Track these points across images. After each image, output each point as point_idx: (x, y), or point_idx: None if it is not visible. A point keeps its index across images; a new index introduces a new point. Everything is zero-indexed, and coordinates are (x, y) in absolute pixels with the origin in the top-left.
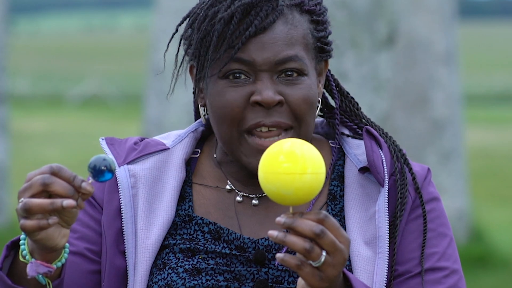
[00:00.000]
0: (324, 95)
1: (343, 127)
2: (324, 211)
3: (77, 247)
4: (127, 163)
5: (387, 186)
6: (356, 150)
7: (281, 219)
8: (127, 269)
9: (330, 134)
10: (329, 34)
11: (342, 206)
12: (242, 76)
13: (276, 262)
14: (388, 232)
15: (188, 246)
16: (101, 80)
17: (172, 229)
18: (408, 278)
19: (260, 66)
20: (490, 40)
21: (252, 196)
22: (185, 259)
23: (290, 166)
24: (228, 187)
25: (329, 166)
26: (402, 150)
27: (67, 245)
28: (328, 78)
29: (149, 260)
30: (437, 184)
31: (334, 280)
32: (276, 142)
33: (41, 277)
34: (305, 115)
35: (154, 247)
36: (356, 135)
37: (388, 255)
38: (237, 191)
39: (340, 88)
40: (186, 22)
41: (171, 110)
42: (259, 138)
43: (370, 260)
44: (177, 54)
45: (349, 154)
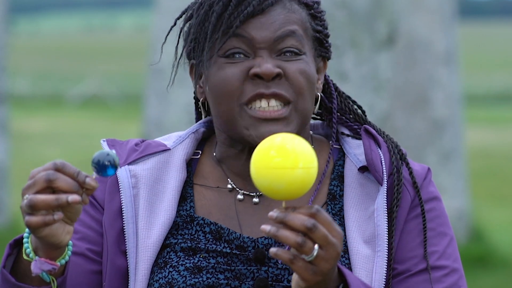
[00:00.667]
0: (322, 98)
1: (343, 127)
2: (316, 205)
3: (78, 248)
4: (128, 164)
5: (386, 185)
6: (356, 150)
7: (273, 214)
8: (128, 268)
9: (330, 135)
10: (327, 33)
11: (342, 206)
12: (242, 55)
13: (275, 260)
14: (387, 230)
15: (189, 245)
16: (101, 80)
17: (173, 229)
18: (407, 276)
19: (259, 44)
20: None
21: (252, 194)
22: (186, 258)
23: (281, 160)
24: (229, 186)
25: (325, 163)
26: (401, 150)
27: (71, 242)
28: (326, 80)
29: (150, 259)
30: (437, 184)
31: (328, 274)
32: (267, 137)
33: (45, 274)
34: (303, 89)
35: (155, 246)
36: (356, 135)
37: (387, 254)
38: (238, 189)
39: (338, 90)
40: (184, 16)
41: (171, 110)
42: (260, 109)
43: (369, 258)
44: (177, 46)
45: (349, 154)
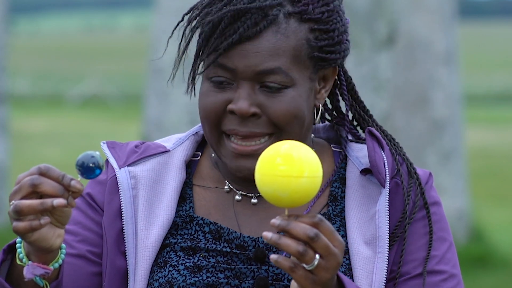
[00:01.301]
0: (337, 98)
1: (345, 131)
2: (319, 215)
3: (79, 250)
4: (128, 165)
5: (388, 187)
6: (358, 153)
7: (276, 221)
8: (128, 268)
9: (332, 139)
10: (338, 41)
11: (343, 207)
12: (225, 82)
13: None
14: (388, 232)
15: (189, 244)
16: (101, 80)
17: (173, 229)
18: (406, 279)
19: (241, 74)
20: (490, 40)
21: (250, 195)
22: (186, 257)
23: (287, 168)
24: (226, 188)
25: (331, 173)
26: (405, 154)
27: (64, 246)
28: (341, 82)
29: (149, 259)
30: (437, 184)
31: (327, 283)
32: (274, 144)
33: (38, 279)
34: (285, 126)
35: (154, 247)
36: (357, 139)
37: (387, 255)
38: (235, 190)
39: (353, 92)
40: (186, 18)
41: (171, 110)
42: (235, 143)
43: (370, 259)
44: (179, 45)
45: (351, 156)
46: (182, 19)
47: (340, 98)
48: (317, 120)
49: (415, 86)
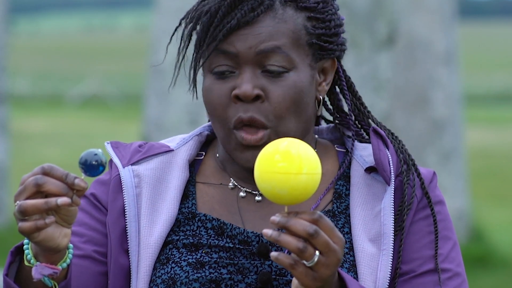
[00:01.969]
0: (338, 97)
1: (348, 130)
2: (318, 211)
3: (85, 251)
4: (132, 164)
5: (393, 185)
6: (362, 152)
7: (275, 218)
8: (131, 266)
9: (335, 140)
10: (335, 33)
11: (348, 204)
12: (227, 71)
13: None
14: (393, 229)
15: (191, 241)
16: (101, 80)
17: (175, 226)
18: (411, 277)
19: (242, 58)
20: (490, 40)
21: (255, 192)
22: (188, 254)
23: (286, 165)
24: (231, 185)
25: (336, 172)
26: (410, 155)
27: (71, 245)
28: (340, 79)
29: (152, 256)
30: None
31: (328, 280)
32: (272, 141)
33: (47, 279)
34: (285, 114)
35: (157, 244)
36: (361, 138)
37: (392, 252)
38: (240, 187)
39: (352, 89)
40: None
41: (171, 110)
42: (244, 131)
43: (374, 256)
44: (179, 48)
45: (355, 155)
46: (180, 24)
47: (340, 97)
48: (319, 112)
49: (415, 86)
